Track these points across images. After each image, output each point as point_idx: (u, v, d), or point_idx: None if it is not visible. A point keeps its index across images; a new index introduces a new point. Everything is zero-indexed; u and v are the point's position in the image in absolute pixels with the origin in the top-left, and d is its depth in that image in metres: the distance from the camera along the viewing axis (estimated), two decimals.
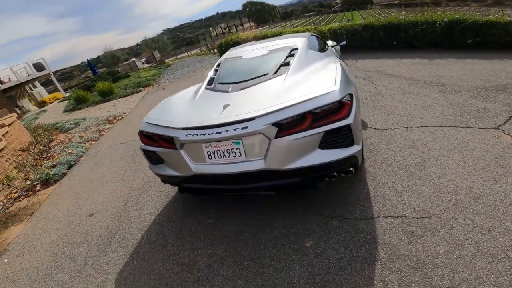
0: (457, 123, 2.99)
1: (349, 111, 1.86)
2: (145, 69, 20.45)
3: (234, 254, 2.05)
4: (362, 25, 7.20)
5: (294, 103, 1.85)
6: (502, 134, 2.63)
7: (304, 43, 3.15)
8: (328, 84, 1.98)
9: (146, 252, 2.28)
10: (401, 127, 3.16)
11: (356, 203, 2.20)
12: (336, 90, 1.88)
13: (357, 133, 1.94)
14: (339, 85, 1.94)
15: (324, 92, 1.86)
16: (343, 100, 1.83)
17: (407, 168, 2.44)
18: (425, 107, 3.53)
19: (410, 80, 4.69)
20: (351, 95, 1.97)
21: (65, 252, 2.51)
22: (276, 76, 2.45)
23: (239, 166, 1.98)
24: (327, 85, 1.96)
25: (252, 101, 2.12)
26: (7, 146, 4.65)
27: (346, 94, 1.90)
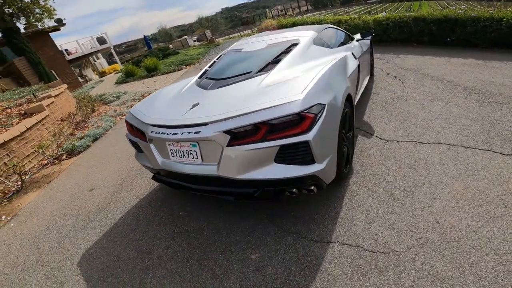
0: (478, 144, 2.51)
1: (310, 125, 1.67)
2: (195, 47, 21.11)
3: (185, 250, 2.10)
4: (412, 17, 6.28)
5: (249, 111, 1.72)
6: None
7: (309, 38, 2.89)
8: (295, 91, 1.79)
9: (117, 233, 2.46)
10: (410, 140, 2.78)
11: (320, 222, 2.04)
12: (298, 100, 1.69)
13: (321, 151, 1.75)
14: (306, 94, 1.74)
15: (283, 102, 1.69)
16: (303, 112, 1.65)
17: (393, 192, 2.16)
18: (449, 119, 3.02)
19: (448, 83, 4.04)
20: (320, 107, 1.75)
21: (57, 223, 2.84)
22: (258, 75, 2.31)
23: (196, 168, 1.97)
24: (293, 92, 1.78)
25: (220, 102, 2.04)
26: (49, 115, 5.33)
27: (311, 105, 1.69)
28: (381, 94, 4.12)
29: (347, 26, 7.41)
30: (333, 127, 1.89)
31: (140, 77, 11.78)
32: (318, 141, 1.70)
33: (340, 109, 1.98)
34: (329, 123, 1.82)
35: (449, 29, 5.82)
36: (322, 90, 1.89)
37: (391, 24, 6.60)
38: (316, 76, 1.99)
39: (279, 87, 1.97)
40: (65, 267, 2.23)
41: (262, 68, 2.42)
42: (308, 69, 2.29)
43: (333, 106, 1.90)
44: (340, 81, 2.23)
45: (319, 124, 1.70)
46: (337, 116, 1.95)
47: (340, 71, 2.40)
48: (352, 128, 2.54)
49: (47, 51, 13.34)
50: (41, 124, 4.96)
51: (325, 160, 1.80)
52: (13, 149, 4.09)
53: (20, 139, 4.29)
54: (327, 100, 1.84)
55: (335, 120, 1.92)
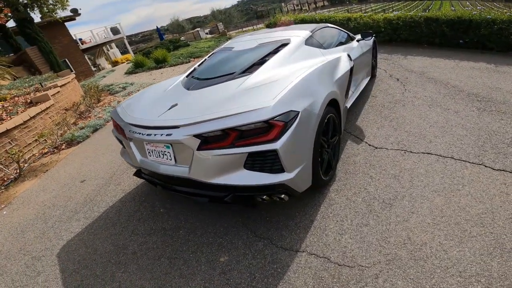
0: (470, 156, 2.40)
1: (279, 133, 1.63)
2: (207, 39, 21.12)
3: (159, 248, 2.14)
4: (424, 17, 6.02)
5: (219, 116, 1.70)
6: None
7: (301, 38, 2.82)
8: (268, 97, 1.75)
9: (98, 227, 2.52)
10: (400, 149, 2.69)
11: (293, 229, 2.02)
12: (268, 107, 1.64)
13: (291, 160, 1.72)
14: (278, 100, 1.69)
15: (253, 108, 1.65)
16: (271, 120, 1.61)
17: (371, 203, 2.10)
18: (445, 127, 2.90)
19: (451, 88, 3.87)
20: (293, 114, 1.70)
21: (45, 213, 2.93)
22: (240, 77, 2.27)
23: (169, 169, 1.98)
24: (266, 98, 1.74)
25: (196, 104, 2.03)
26: (54, 105, 5.48)
27: (281, 113, 1.65)
28: (379, 97, 3.99)
29: (356, 24, 7.19)
30: (307, 135, 1.84)
31: (149, 68, 11.90)
32: (288, 150, 1.67)
33: (318, 116, 1.92)
34: (303, 131, 1.78)
35: (462, 30, 5.55)
36: (298, 95, 1.84)
37: (402, 23, 6.36)
38: (294, 80, 1.94)
39: (255, 91, 1.93)
40: (45, 257, 2.30)
41: (246, 69, 2.38)
42: (292, 71, 2.22)
43: (309, 113, 1.84)
44: (323, 86, 2.16)
45: (290, 132, 1.66)
46: (314, 123, 1.89)
47: (325, 75, 2.32)
48: (338, 134, 2.48)
49: (62, 40, 13.66)
50: (45, 113, 5.11)
51: (296, 169, 1.77)
52: (15, 137, 4.23)
53: (23, 128, 4.43)
54: (302, 106, 1.79)
55: (311, 127, 1.87)
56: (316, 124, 1.90)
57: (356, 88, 3.48)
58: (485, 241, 1.63)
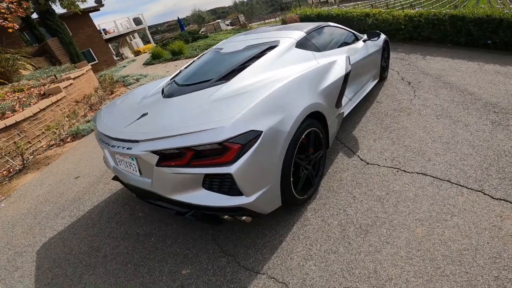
0: (469, 181, 2.16)
1: (235, 156, 1.52)
2: (227, 31, 20.97)
3: (129, 253, 2.15)
4: (449, 15, 5.49)
5: (176, 134, 1.62)
6: None
7: (292, 40, 2.64)
8: (227, 114, 1.63)
9: (79, 226, 2.58)
10: (393, 166, 2.48)
11: (259, 249, 1.93)
12: (224, 127, 1.52)
13: (250, 184, 1.61)
14: (237, 119, 1.57)
15: (209, 127, 1.55)
16: (226, 142, 1.50)
17: (346, 228, 1.95)
18: (449, 144, 2.63)
19: (467, 96, 3.51)
20: (253, 135, 1.57)
21: (37, 208, 3.04)
22: (215, 85, 2.15)
23: (136, 179, 1.96)
24: (226, 115, 1.62)
25: (163, 116, 1.96)
26: (65, 97, 5.69)
27: (238, 134, 1.52)
28: (384, 103, 3.71)
29: (374, 20, 6.74)
30: (273, 155, 1.71)
31: (165, 59, 12.02)
32: (246, 173, 1.56)
33: (289, 134, 1.77)
34: (267, 152, 1.65)
35: (491, 30, 5.00)
36: (265, 111, 1.70)
37: (424, 21, 5.85)
38: (265, 93, 1.80)
39: (222, 104, 1.81)
40: (26, 253, 2.40)
41: (224, 75, 2.26)
42: (272, 80, 2.06)
43: (277, 132, 1.70)
44: (301, 98, 1.98)
45: (249, 155, 1.55)
46: (283, 142, 1.74)
47: (307, 84, 2.13)
48: (323, 148, 2.32)
49: (86, 30, 14.17)
50: (56, 106, 5.32)
51: (257, 193, 1.66)
52: (24, 129, 4.45)
53: (32, 120, 4.64)
54: (268, 124, 1.66)
55: (278, 147, 1.72)
56: (286, 143, 1.76)
57: (357, 94, 3.24)
58: (456, 282, 1.45)
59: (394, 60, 5.53)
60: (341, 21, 7.26)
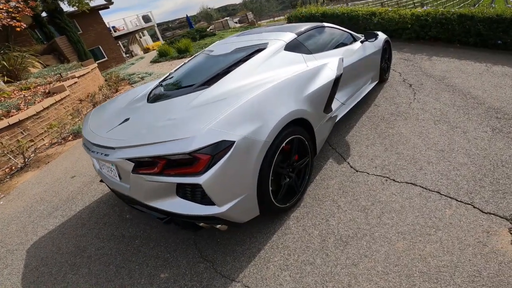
0: (460, 192, 2.07)
1: (205, 167, 1.50)
2: (235, 28, 20.93)
3: (112, 255, 2.19)
4: (458, 14, 5.27)
5: (149, 142, 1.62)
6: (505, 231, 1.71)
7: (281, 42, 2.58)
8: (202, 122, 1.61)
9: (69, 226, 2.63)
10: (382, 175, 2.41)
11: (237, 256, 1.92)
12: (194, 137, 1.50)
13: (222, 194, 1.60)
14: (208, 129, 1.54)
15: (180, 137, 1.54)
16: (195, 153, 1.48)
17: (326, 239, 1.91)
18: (444, 151, 2.54)
19: (470, 100, 3.38)
20: (225, 145, 1.54)
21: (32, 206, 3.12)
22: (195, 91, 2.13)
23: (116, 184, 1.98)
24: (199, 124, 1.60)
25: (141, 123, 1.96)
26: (69, 95, 5.81)
27: (208, 144, 1.49)
28: (382, 106, 3.61)
29: (380, 19, 6.55)
30: (248, 165, 1.67)
31: (172, 57, 12.12)
32: (217, 183, 1.54)
33: (265, 143, 1.72)
34: (240, 162, 1.62)
35: (502, 30, 4.78)
36: (240, 120, 1.66)
37: (431, 20, 5.65)
38: (241, 100, 1.77)
39: (198, 112, 1.79)
40: (17, 251, 2.47)
41: (207, 80, 2.23)
42: (254, 86, 2.02)
43: (252, 141, 1.66)
44: (282, 105, 1.92)
45: (220, 165, 1.53)
46: (258, 152, 1.69)
47: (290, 90, 2.06)
48: (309, 155, 2.27)
49: (96, 27, 14.41)
50: (59, 104, 5.44)
51: (230, 203, 1.64)
52: (27, 128, 4.57)
53: (36, 118, 4.76)
54: (242, 134, 1.62)
55: (253, 157, 1.68)
56: (262, 153, 1.72)
57: (353, 97, 3.16)
58: None
59: (398, 61, 5.38)
60: (346, 20, 7.10)
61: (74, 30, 10.87)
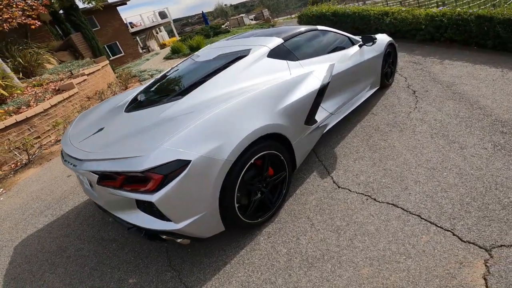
0: (442, 217, 1.94)
1: (158, 186, 1.49)
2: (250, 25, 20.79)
3: (90, 256, 2.26)
4: (475, 15, 4.91)
5: (108, 158, 1.65)
6: (480, 262, 1.58)
7: (265, 49, 2.49)
8: (160, 139, 1.59)
9: (56, 226, 2.73)
10: (364, 193, 2.30)
11: (203, 268, 1.92)
12: (146, 156, 1.49)
13: (177, 211, 1.58)
14: (162, 147, 1.52)
15: (135, 155, 1.54)
16: (146, 172, 1.47)
17: (292, 258, 1.86)
18: (435, 170, 2.38)
19: (476, 111, 3.14)
20: (179, 164, 1.50)
21: (28, 204, 3.27)
22: (169, 101, 2.10)
23: (88, 191, 2.04)
24: (156, 141, 1.58)
25: (111, 134, 1.97)
26: (78, 92, 6.01)
27: (162, 163, 1.47)
28: (379, 115, 3.45)
29: (392, 19, 6.24)
30: (207, 184, 1.63)
31: (184, 54, 12.24)
32: (170, 202, 1.53)
33: (227, 161, 1.66)
34: (198, 181, 1.59)
35: None
36: (198, 139, 1.62)
37: (446, 21, 5.30)
38: (205, 115, 1.73)
39: (162, 126, 1.78)
40: (6, 247, 2.60)
41: (183, 90, 2.20)
42: (226, 98, 1.97)
43: (211, 160, 1.61)
44: (248, 121, 1.83)
45: (174, 184, 1.51)
46: (218, 171, 1.63)
47: (261, 103, 1.97)
48: (285, 170, 2.20)
49: (113, 23, 14.80)
50: (67, 101, 5.64)
51: (187, 220, 1.62)
52: (34, 125, 4.78)
53: (43, 115, 4.97)
54: (199, 153, 1.57)
55: (213, 176, 1.63)
56: (223, 171, 1.67)
57: (345, 106, 3.02)
58: None
59: (407, 64, 5.11)
60: (357, 20, 6.83)
61: (89, 27, 11.23)
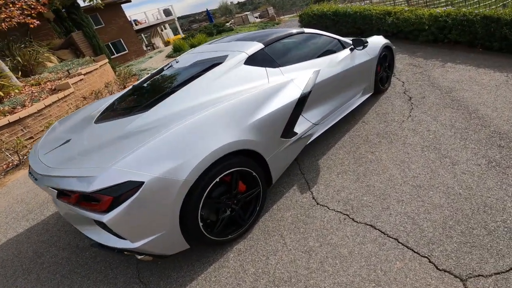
0: (420, 243, 1.82)
1: (109, 207, 1.43)
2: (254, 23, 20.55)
3: (62, 264, 2.25)
4: (481, 15, 4.66)
5: (60, 175, 1.62)
6: None
7: (243, 55, 2.35)
8: (107, 160, 1.53)
9: (35, 231, 2.72)
10: (343, 211, 2.18)
11: (170, 282, 1.88)
12: (95, 177, 1.43)
13: (132, 231, 1.53)
14: (113, 167, 1.45)
15: (84, 174, 1.49)
16: (96, 193, 1.42)
17: (259, 278, 1.78)
18: (421, 188, 2.25)
19: (474, 121, 2.96)
20: (132, 185, 1.43)
21: (11, 207, 3.27)
22: (135, 114, 2.00)
23: (55, 204, 2.02)
24: (104, 163, 1.51)
25: (75, 147, 1.91)
26: (74, 92, 6.02)
27: (111, 185, 1.41)
28: (370, 125, 3.30)
29: (395, 19, 6.01)
30: (164, 205, 1.55)
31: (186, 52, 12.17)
32: (123, 223, 1.47)
33: (186, 182, 1.58)
34: (153, 202, 1.51)
35: None
36: (153, 158, 1.53)
37: (450, 21, 5.06)
38: (164, 132, 1.65)
39: (121, 143, 1.70)
40: None
41: (152, 101, 2.08)
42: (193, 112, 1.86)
43: (167, 181, 1.52)
44: (211, 138, 1.72)
45: (126, 205, 1.44)
46: (177, 191, 1.55)
47: (229, 118, 1.86)
48: (259, 186, 2.10)
49: (118, 21, 14.85)
50: (63, 101, 5.65)
51: (143, 240, 1.56)
52: (28, 125, 4.80)
53: (37, 116, 4.99)
54: (153, 174, 1.49)
55: (170, 196, 1.55)
56: (183, 192, 1.59)
57: (333, 114, 2.87)
58: None
59: (406, 67, 4.91)
60: (358, 19, 6.61)
61: (90, 26, 11.26)
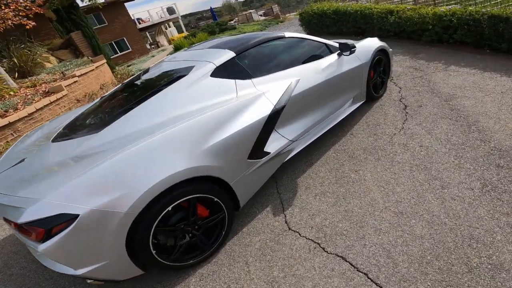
0: (391, 280, 1.63)
1: (43, 238, 1.35)
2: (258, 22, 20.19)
3: (29, 276, 2.22)
4: (489, 15, 4.31)
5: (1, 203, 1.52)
6: None
7: (210, 66, 2.15)
8: (40, 192, 1.42)
9: (10, 241, 2.65)
10: (314, 239, 2.00)
11: None
12: (25, 209, 1.35)
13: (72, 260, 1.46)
14: (45, 200, 1.35)
15: (16, 204, 1.41)
16: (27, 225, 1.35)
17: None
18: (403, 216, 2.04)
19: (472, 135, 2.71)
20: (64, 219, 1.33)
21: None
22: (89, 134, 1.86)
23: None
24: (37, 194, 1.42)
25: (26, 169, 1.80)
26: (67, 95, 5.97)
27: (42, 218, 1.32)
28: (358, 138, 3.07)
29: (397, 18, 5.68)
30: (104, 236, 1.44)
31: None
32: (60, 253, 1.40)
33: (128, 215, 1.45)
34: (91, 234, 1.41)
35: None
36: (90, 190, 1.42)
37: (456, 21, 4.72)
38: (109, 158, 1.51)
39: (60, 170, 1.60)
40: None
41: (106, 120, 1.95)
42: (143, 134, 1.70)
43: (106, 214, 1.41)
44: (163, 164, 1.58)
45: (61, 237, 1.35)
46: (117, 223, 1.44)
47: (183, 141, 1.70)
48: (223, 211, 1.95)
49: (121, 20, 14.85)
50: (55, 104, 5.61)
51: (86, 268, 1.46)
52: (18, 129, 4.77)
53: (28, 119, 4.95)
54: (90, 206, 1.37)
55: (111, 228, 1.43)
56: (126, 224, 1.46)
57: (316, 127, 2.67)
58: None
59: (406, 70, 4.62)
60: (359, 18, 6.30)
61: (89, 26, 11.25)
